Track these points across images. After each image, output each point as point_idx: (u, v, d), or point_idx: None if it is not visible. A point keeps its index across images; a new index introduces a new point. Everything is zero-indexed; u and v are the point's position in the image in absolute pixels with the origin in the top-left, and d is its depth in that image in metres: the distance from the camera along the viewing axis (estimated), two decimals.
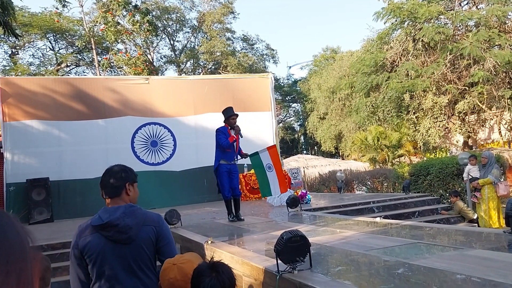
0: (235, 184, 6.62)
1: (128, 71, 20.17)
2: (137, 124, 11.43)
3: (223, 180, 6.51)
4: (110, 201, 2.17)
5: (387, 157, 20.04)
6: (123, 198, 2.18)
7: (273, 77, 13.84)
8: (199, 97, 12.20)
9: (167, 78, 14.26)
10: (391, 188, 13.91)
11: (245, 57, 29.64)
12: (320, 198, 10.38)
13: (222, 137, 6.46)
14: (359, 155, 22.99)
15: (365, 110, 21.48)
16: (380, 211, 7.77)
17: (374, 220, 5.77)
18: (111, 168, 2.22)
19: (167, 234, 2.23)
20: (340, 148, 29.09)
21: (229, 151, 6.54)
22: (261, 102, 12.84)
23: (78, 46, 23.42)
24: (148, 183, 11.01)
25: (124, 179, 2.20)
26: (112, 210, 2.12)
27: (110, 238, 2.05)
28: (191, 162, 11.72)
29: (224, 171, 6.49)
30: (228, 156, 6.57)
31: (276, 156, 6.75)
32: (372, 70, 20.35)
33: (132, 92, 11.51)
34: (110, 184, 2.15)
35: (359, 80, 21.11)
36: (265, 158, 6.71)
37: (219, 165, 6.50)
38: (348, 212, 7.46)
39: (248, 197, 11.08)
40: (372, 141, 20.50)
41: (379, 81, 19.61)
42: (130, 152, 11.20)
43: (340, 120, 28.05)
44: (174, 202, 10.73)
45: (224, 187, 6.53)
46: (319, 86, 29.63)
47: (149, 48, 28.96)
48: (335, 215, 6.84)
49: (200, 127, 11.86)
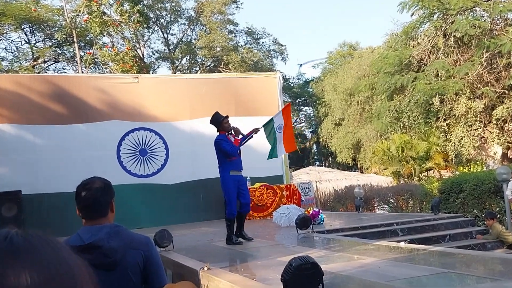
0: (247, 198, 6.58)
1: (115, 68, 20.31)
2: (124, 130, 11.47)
3: (232, 193, 6.45)
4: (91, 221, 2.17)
5: (413, 171, 19.98)
6: (107, 218, 2.19)
7: (281, 76, 13.87)
8: (196, 99, 12.24)
9: (160, 76, 14.35)
10: (418, 208, 13.83)
11: (249, 53, 29.79)
12: (335, 218, 10.32)
13: (226, 145, 6.42)
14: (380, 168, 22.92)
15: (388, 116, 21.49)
16: (405, 234, 7.72)
17: (397, 245, 5.73)
18: (91, 181, 2.21)
19: (156, 259, 2.23)
20: (359, 159, 29.03)
21: (235, 159, 6.51)
22: (268, 105, 12.86)
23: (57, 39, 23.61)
24: (135, 198, 11.00)
25: (110, 194, 2.21)
26: (95, 230, 2.12)
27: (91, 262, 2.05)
28: (186, 174, 11.72)
29: (232, 184, 6.43)
30: (237, 164, 6.54)
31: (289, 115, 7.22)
32: (396, 69, 20.39)
33: (119, 92, 11.57)
34: (95, 201, 2.15)
35: (381, 81, 21.14)
36: (278, 120, 7.09)
37: (229, 177, 6.45)
38: (368, 235, 7.42)
39: (252, 215, 11.05)
40: (395, 151, 20.46)
41: (404, 82, 19.63)
42: (116, 161, 11.23)
43: (358, 127, 28.05)
44: (165, 221, 10.70)
45: (232, 203, 6.45)
46: (335, 87, 29.69)
47: (139, 42, 29.21)
48: (352, 239, 6.81)
49: (196, 134, 11.89)
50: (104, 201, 2.17)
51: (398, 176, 20.79)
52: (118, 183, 10.75)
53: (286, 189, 11.37)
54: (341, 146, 29.45)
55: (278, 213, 9.01)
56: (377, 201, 15.48)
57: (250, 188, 11.19)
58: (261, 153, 10.06)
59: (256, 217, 11.06)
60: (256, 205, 11.12)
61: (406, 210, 14.27)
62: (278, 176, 12.53)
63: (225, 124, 6.61)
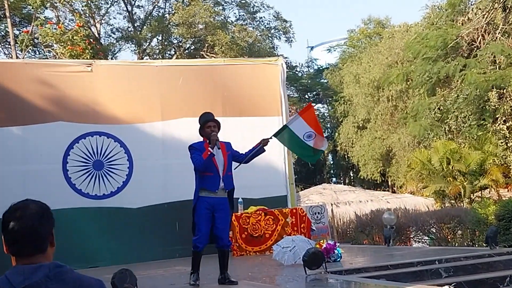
0: (221, 228, 6.75)
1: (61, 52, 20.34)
2: (72, 135, 11.45)
3: (200, 220, 6.65)
4: (23, 260, 2.15)
5: (463, 190, 20.01)
6: (46, 254, 2.18)
7: (285, 63, 13.91)
8: (171, 94, 12.25)
9: (121, 63, 14.35)
10: (469, 239, 13.84)
11: (243, 32, 29.90)
12: (356, 254, 10.29)
13: (195, 155, 6.68)
14: (418, 186, 22.96)
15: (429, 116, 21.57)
16: (451, 276, 7.73)
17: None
18: (24, 206, 2.20)
19: None
20: (389, 174, 29.08)
21: (210, 175, 6.70)
22: (267, 101, 12.88)
23: None
24: (87, 227, 10.96)
25: (50, 223, 2.20)
26: (29, 271, 2.11)
27: None
28: (156, 195, 11.69)
29: (203, 207, 6.64)
30: (210, 183, 6.72)
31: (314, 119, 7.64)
32: (440, 54, 20.52)
33: (66, 84, 11.56)
34: (30, 233, 2.14)
35: (419, 70, 21.26)
36: (300, 127, 7.43)
37: (198, 198, 6.68)
38: (401, 277, 7.43)
39: (244, 250, 11.04)
40: (438, 164, 20.50)
41: (450, 72, 19.74)
42: (61, 177, 11.20)
43: (389, 131, 28.13)
44: (127, 258, 10.67)
45: (199, 231, 6.65)
46: (357, 78, 29.81)
47: (94, 17, 29.27)
48: (380, 282, 6.82)
49: (170, 140, 11.88)
50: (42, 232, 2.16)
51: (442, 197, 20.82)
52: (64, 207, 10.75)
53: (291, 214, 11.36)
54: (365, 157, 29.51)
55: (280, 246, 8.99)
56: (413, 231, 15.48)
57: (243, 214, 11.21)
58: (257, 167, 10.06)
59: (251, 252, 11.02)
60: (250, 236, 11.10)
61: (452, 242, 14.27)
62: (281, 197, 12.53)
63: (206, 128, 6.82)
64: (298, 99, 37.96)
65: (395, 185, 29.25)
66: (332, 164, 41.47)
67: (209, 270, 7.44)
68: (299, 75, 39.12)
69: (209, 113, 7.05)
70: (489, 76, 18.37)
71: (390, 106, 27.83)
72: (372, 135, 29.25)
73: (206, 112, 7.13)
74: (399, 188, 28.22)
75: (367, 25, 38.17)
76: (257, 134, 12.27)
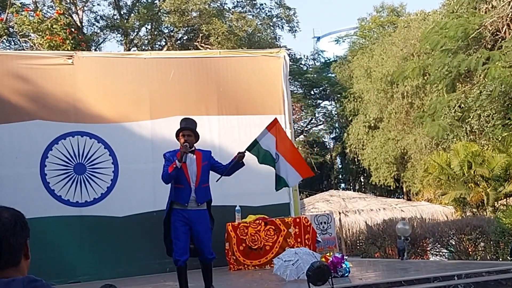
0: (200, 241, 7.11)
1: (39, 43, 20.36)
2: (51, 135, 11.45)
3: (176, 234, 7.04)
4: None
5: (486, 198, 20.05)
6: (20, 267, 2.20)
7: (288, 55, 13.94)
8: (161, 89, 12.27)
9: (106, 55, 14.38)
10: (492, 252, 13.87)
11: (241, 21, 29.95)
12: (367, 268, 10.31)
13: (164, 165, 7.16)
14: (436, 192, 22.98)
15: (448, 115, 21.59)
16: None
17: None
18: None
19: None
20: (404, 180, 29.09)
21: (181, 187, 7.10)
22: (267, 98, 12.91)
23: None
24: (68, 238, 10.97)
25: (24, 233, 2.21)
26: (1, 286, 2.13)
27: None
28: (144, 203, 11.69)
29: (177, 220, 7.04)
30: (180, 195, 7.12)
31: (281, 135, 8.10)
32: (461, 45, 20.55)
33: (44, 78, 11.57)
34: (1, 244, 2.15)
35: (437, 63, 21.30)
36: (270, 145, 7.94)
37: (172, 210, 7.11)
38: None
39: (242, 264, 11.07)
40: (459, 168, 20.54)
41: (472, 65, 19.76)
42: (39, 182, 11.21)
43: (404, 132, 28.16)
44: (112, 272, 10.69)
45: (176, 245, 7.03)
46: (369, 72, 29.84)
47: (76, 4, 29.31)
48: None
49: (160, 141, 11.88)
50: (15, 243, 2.18)
51: (463, 205, 20.86)
52: (42, 215, 10.76)
53: (295, 224, 11.37)
54: (377, 160, 29.53)
55: (281, 260, 9.00)
56: (430, 243, 15.52)
57: (241, 223, 11.24)
58: (256, 172, 10.12)
59: (250, 266, 11.04)
60: (249, 248, 11.12)
61: (473, 256, 14.31)
62: (283, 204, 12.54)
63: (180, 138, 7.22)
64: (302, 96, 37.90)
65: (411, 191, 29.24)
66: (340, 168, 41.53)
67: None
68: (304, 69, 39.06)
69: (186, 120, 7.46)
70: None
71: (405, 103, 27.83)
72: (385, 136, 29.25)
73: (184, 118, 7.57)
74: (415, 195, 28.22)
75: (379, 13, 38.20)
76: (256, 134, 12.32)
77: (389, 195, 31.93)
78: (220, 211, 11.01)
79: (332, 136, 41.75)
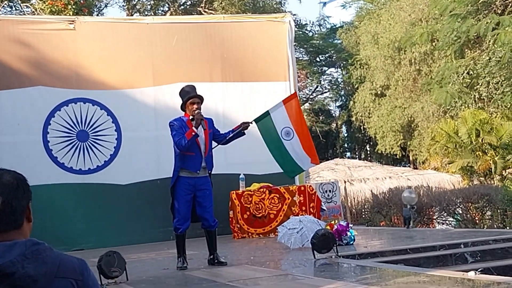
0: (204, 208, 7.19)
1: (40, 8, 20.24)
2: (53, 102, 11.48)
3: (179, 202, 7.10)
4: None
5: (493, 166, 20.06)
6: (22, 230, 2.21)
7: (293, 20, 13.83)
8: (164, 56, 12.23)
9: (108, 20, 14.28)
10: (499, 221, 13.93)
11: None
12: (372, 236, 10.36)
13: (176, 132, 7.07)
14: (443, 161, 22.99)
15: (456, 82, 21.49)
16: (477, 261, 7.79)
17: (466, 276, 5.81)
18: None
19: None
20: (411, 148, 29.08)
21: (191, 155, 7.10)
22: (272, 64, 12.86)
23: None
24: (71, 206, 11.07)
25: (26, 196, 2.22)
26: (2, 249, 2.12)
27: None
28: (148, 170, 11.76)
29: (183, 189, 7.07)
30: (191, 163, 7.13)
31: (298, 112, 7.80)
32: (470, 10, 20.35)
33: (46, 44, 11.55)
34: (3, 206, 2.16)
35: (446, 28, 21.12)
36: (280, 120, 7.67)
37: (178, 178, 7.11)
38: (421, 262, 7.49)
39: (246, 232, 11.15)
40: (467, 136, 20.53)
41: (481, 30, 19.60)
42: (42, 149, 11.26)
43: (411, 99, 28.06)
44: (116, 240, 10.76)
45: (178, 212, 7.13)
46: (376, 39, 29.61)
47: None
48: (398, 267, 6.88)
49: (164, 108, 11.88)
50: (17, 205, 2.19)
51: (470, 174, 20.88)
52: (45, 183, 10.83)
53: (299, 192, 11.44)
54: (384, 129, 29.48)
55: (286, 228, 9.06)
56: (437, 211, 15.58)
57: (245, 191, 11.29)
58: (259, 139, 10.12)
59: (254, 234, 11.14)
60: (253, 216, 11.19)
61: (480, 224, 14.37)
62: None
63: (189, 105, 7.18)
64: (308, 63, 37.72)
65: (417, 160, 29.24)
66: (346, 136, 41.42)
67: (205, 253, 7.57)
68: (310, 35, 38.75)
69: (192, 87, 7.40)
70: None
71: (412, 70, 27.66)
72: (391, 103, 29.13)
73: (188, 85, 7.52)
74: (422, 163, 28.23)
75: None
76: (261, 101, 12.33)
77: (395, 163, 31.93)
78: (224, 179, 11.09)
79: (338, 104, 41.64)
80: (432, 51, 25.79)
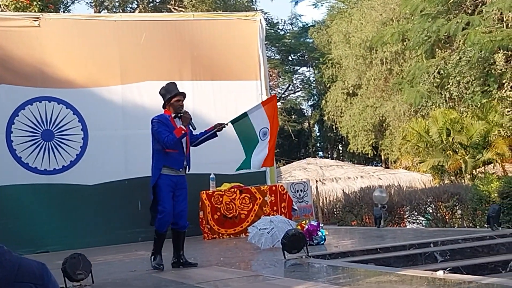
0: (181, 207, 7.18)
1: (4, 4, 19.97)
2: (17, 100, 11.36)
3: (164, 198, 7.04)
4: None
5: (464, 165, 20.29)
6: None
7: (265, 19, 13.85)
8: (132, 53, 12.18)
9: (74, 17, 14.16)
10: (469, 220, 14.08)
11: None
12: (343, 236, 10.43)
13: (163, 130, 7.00)
14: (414, 160, 23.22)
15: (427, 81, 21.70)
16: (447, 260, 7.87)
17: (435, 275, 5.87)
18: None
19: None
20: (382, 147, 29.31)
21: (175, 152, 7.08)
22: (243, 63, 12.88)
23: None
24: (36, 206, 10.94)
25: None
26: None
27: None
28: (115, 171, 11.70)
29: (167, 185, 7.05)
30: (175, 160, 7.13)
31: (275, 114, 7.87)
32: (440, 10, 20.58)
33: (9, 41, 11.44)
34: None
35: (416, 28, 21.32)
36: (259, 121, 7.74)
37: (160, 176, 7.04)
38: (392, 261, 7.55)
39: (217, 232, 11.14)
40: (437, 136, 20.74)
41: (451, 30, 19.82)
42: (5, 149, 11.14)
43: (382, 99, 28.29)
44: (82, 242, 10.71)
45: (165, 208, 7.04)
46: (347, 38, 29.81)
47: None
48: (368, 266, 6.93)
49: (132, 107, 11.85)
50: None
51: (441, 173, 21.09)
52: (8, 183, 10.72)
53: (271, 192, 11.47)
54: (355, 128, 29.70)
55: (256, 228, 9.06)
56: (407, 211, 15.71)
57: (216, 192, 11.28)
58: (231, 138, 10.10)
59: (224, 234, 11.14)
60: (223, 216, 11.18)
61: (450, 223, 14.51)
62: (259, 173, 12.51)
63: (175, 102, 7.16)
64: (280, 61, 37.82)
65: (389, 159, 29.52)
66: (318, 136, 41.63)
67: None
68: (281, 34, 38.91)
69: (174, 84, 7.42)
70: (495, 35, 18.49)
71: (384, 69, 27.91)
72: (363, 103, 29.35)
73: (170, 83, 7.50)
74: (393, 163, 28.50)
75: None
76: (231, 100, 12.36)
77: (367, 163, 32.19)
78: (194, 179, 11.02)
79: (310, 103, 41.83)
80: (403, 50, 26.04)
